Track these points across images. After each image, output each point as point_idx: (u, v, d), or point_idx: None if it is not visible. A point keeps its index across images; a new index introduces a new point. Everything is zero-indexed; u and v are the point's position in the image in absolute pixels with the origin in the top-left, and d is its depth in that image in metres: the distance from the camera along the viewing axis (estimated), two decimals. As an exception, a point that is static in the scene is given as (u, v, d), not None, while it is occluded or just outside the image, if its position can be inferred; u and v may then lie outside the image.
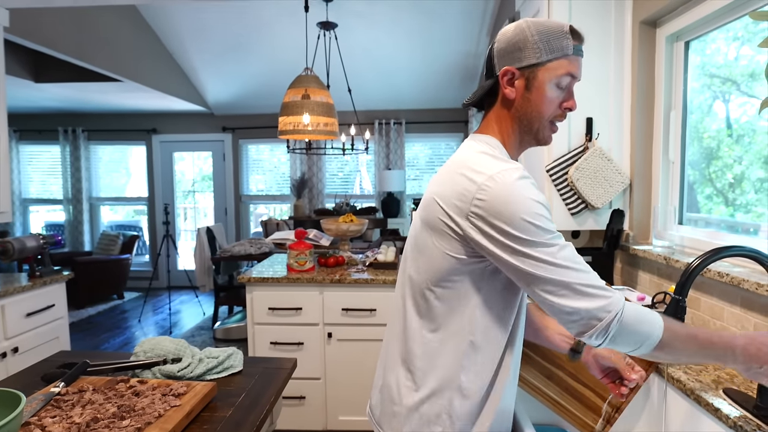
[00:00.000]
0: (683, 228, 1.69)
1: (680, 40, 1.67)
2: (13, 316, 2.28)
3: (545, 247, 0.81)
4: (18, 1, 2.49)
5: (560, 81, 0.90)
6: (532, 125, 0.93)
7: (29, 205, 6.65)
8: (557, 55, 0.89)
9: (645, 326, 0.80)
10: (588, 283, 0.80)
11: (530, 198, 0.82)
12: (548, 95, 0.90)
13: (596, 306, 0.79)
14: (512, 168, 0.85)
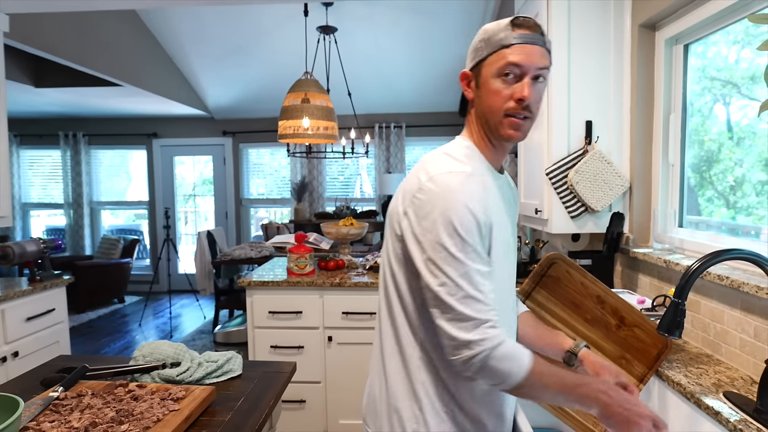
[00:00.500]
0: (683, 231, 1.69)
1: (679, 43, 1.67)
2: (14, 320, 2.28)
3: (454, 260, 0.82)
4: (18, 6, 2.50)
5: (501, 71, 0.89)
6: (489, 121, 0.93)
7: (30, 210, 6.66)
8: (495, 48, 0.89)
9: (508, 365, 0.80)
10: (472, 315, 0.80)
11: (464, 204, 0.82)
12: (493, 88, 0.90)
13: (471, 339, 0.80)
14: (458, 171, 0.86)
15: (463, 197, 0.83)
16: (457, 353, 0.81)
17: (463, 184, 0.84)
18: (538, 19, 1.93)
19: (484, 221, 0.84)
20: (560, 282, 1.25)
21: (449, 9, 4.13)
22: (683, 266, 1.44)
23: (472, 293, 0.81)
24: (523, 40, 0.87)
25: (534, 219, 2.13)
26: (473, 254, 0.82)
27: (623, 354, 1.22)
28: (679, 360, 1.31)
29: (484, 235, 0.85)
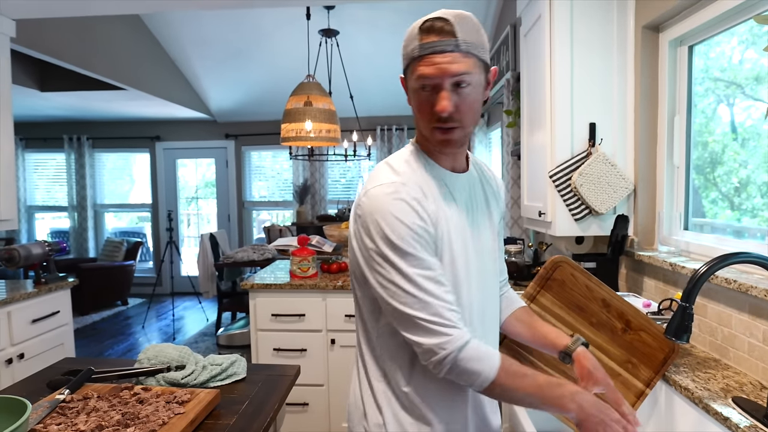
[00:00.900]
0: (689, 233, 1.69)
1: (684, 44, 1.67)
2: (19, 322, 2.29)
3: (397, 271, 0.82)
4: (24, 11, 2.52)
5: (417, 83, 0.85)
6: (423, 131, 0.91)
7: (35, 212, 6.69)
8: (408, 61, 0.87)
9: (478, 365, 0.81)
10: (429, 319, 0.81)
11: (393, 216, 0.82)
12: (416, 101, 0.88)
13: (435, 342, 0.81)
14: (388, 183, 0.86)
15: (392, 208, 0.83)
16: (427, 358, 0.83)
17: (391, 196, 0.84)
18: (540, 22, 1.94)
19: (420, 227, 0.84)
20: (565, 285, 1.24)
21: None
22: (689, 269, 1.43)
23: (423, 298, 0.81)
24: (431, 50, 0.83)
25: (537, 221, 2.12)
26: (414, 261, 0.82)
27: (629, 358, 1.21)
28: (686, 364, 1.30)
29: (424, 241, 0.84)
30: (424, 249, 0.84)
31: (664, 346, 1.20)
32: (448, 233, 0.89)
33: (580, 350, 0.99)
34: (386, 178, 0.88)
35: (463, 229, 0.93)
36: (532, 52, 2.09)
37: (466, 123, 0.88)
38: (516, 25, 3.29)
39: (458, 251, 0.90)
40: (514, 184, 3.22)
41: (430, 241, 0.86)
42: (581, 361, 0.98)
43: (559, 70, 1.84)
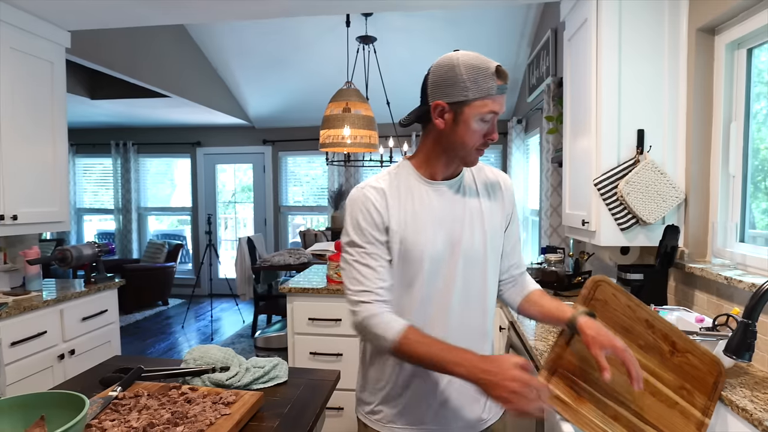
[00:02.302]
0: (745, 245, 1.60)
1: (742, 47, 1.59)
2: (71, 320, 2.40)
3: (345, 252, 1.09)
4: (79, 23, 2.65)
5: (484, 117, 1.02)
6: (457, 152, 1.07)
7: (83, 215, 7.02)
8: (482, 95, 1.00)
9: (381, 330, 1.00)
10: (353, 290, 1.05)
11: (356, 207, 1.08)
12: (473, 128, 1.03)
13: (351, 309, 1.06)
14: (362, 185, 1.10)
15: (352, 207, 1.09)
16: (351, 317, 1.06)
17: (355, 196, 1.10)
18: (586, 26, 1.90)
19: (369, 221, 1.06)
20: (608, 306, 1.15)
21: (487, 19, 4.11)
22: (747, 283, 1.36)
23: (355, 276, 1.05)
24: (501, 92, 1.02)
25: (580, 230, 2.07)
26: (355, 242, 1.07)
27: (683, 384, 1.11)
28: (743, 384, 1.23)
29: (370, 234, 1.06)
30: (368, 243, 1.06)
31: (712, 368, 1.11)
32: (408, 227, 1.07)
33: (582, 319, 1.03)
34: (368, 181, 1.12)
35: (436, 223, 1.08)
36: (577, 56, 2.05)
37: None
38: (558, 30, 3.23)
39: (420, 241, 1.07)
40: (554, 191, 3.15)
41: (378, 236, 1.06)
42: (584, 330, 1.01)
43: (606, 74, 1.79)
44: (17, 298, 2.24)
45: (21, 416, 0.88)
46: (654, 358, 1.12)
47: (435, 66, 1.06)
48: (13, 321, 2.07)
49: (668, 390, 1.10)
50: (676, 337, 1.13)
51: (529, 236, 4.65)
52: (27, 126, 2.47)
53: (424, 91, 1.08)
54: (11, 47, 2.36)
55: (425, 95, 1.07)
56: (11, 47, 2.36)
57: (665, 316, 1.48)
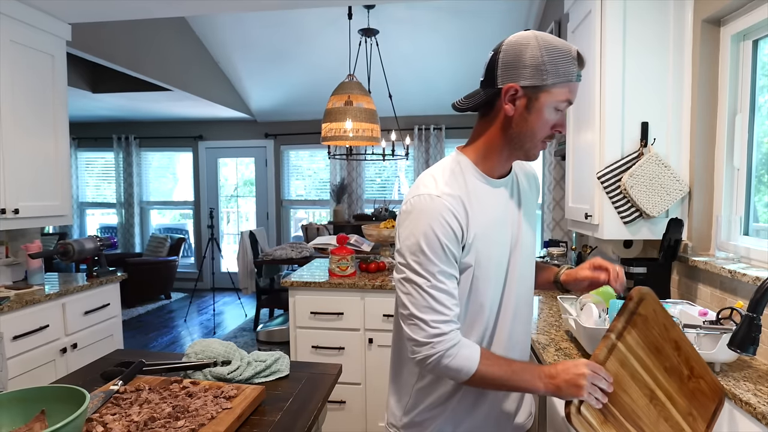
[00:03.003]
0: (749, 239, 1.59)
1: (747, 39, 1.57)
2: (73, 313, 2.40)
3: (417, 274, 0.90)
4: (80, 15, 2.64)
5: (559, 105, 0.92)
6: (524, 143, 0.96)
7: (86, 209, 7.03)
8: (562, 80, 0.89)
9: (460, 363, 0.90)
10: (429, 323, 0.89)
11: (429, 226, 0.89)
12: (546, 118, 0.92)
13: (425, 341, 0.90)
14: (427, 194, 0.92)
15: (429, 219, 0.90)
16: (416, 352, 0.91)
17: (430, 206, 0.90)
18: (590, 17, 1.88)
19: (451, 237, 0.91)
20: (648, 322, 1.04)
21: (491, 10, 4.07)
22: (751, 277, 1.35)
23: (432, 305, 0.89)
24: (579, 79, 0.92)
25: (583, 224, 2.05)
26: (432, 270, 0.90)
27: (691, 410, 1.04)
28: (747, 378, 1.22)
29: (450, 252, 0.91)
30: (447, 261, 0.91)
31: (715, 395, 1.07)
32: (483, 240, 0.95)
33: (564, 273, 1.14)
34: (429, 188, 0.93)
35: (500, 234, 0.99)
36: (581, 48, 2.01)
37: None
38: (561, 22, 3.20)
39: (493, 257, 0.97)
40: (557, 184, 3.13)
41: (457, 250, 0.93)
42: (568, 280, 1.12)
43: (610, 67, 1.77)
44: (19, 292, 2.24)
45: (22, 410, 0.88)
46: (674, 382, 1.06)
47: (507, 44, 0.92)
48: (16, 315, 2.08)
49: (679, 416, 1.05)
50: (694, 362, 1.07)
51: (532, 230, 4.64)
52: (28, 120, 2.47)
53: (491, 72, 0.93)
54: (12, 40, 2.35)
55: (493, 77, 0.93)
56: (12, 40, 2.35)
57: (668, 309, 1.47)
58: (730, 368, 1.29)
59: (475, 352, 0.91)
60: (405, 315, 0.92)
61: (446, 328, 0.89)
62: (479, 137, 1.00)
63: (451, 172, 0.97)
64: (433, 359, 0.89)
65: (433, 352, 0.89)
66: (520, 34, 0.93)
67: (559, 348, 1.46)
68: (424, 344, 0.89)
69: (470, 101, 0.98)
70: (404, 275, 0.92)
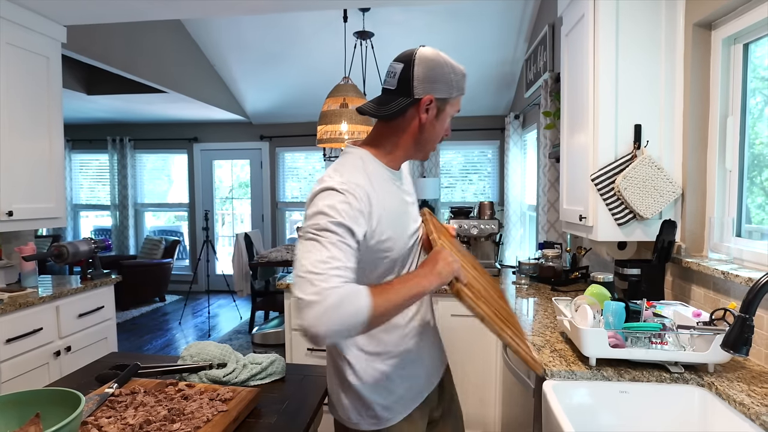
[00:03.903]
0: (741, 240, 1.61)
1: (738, 42, 1.59)
2: (67, 316, 2.39)
3: (304, 233, 0.92)
4: (75, 18, 2.63)
5: (453, 112, 1.09)
6: (427, 145, 1.11)
7: (80, 211, 6.99)
8: (459, 93, 1.08)
9: (352, 303, 0.85)
10: (314, 271, 0.86)
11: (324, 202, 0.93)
12: (446, 123, 1.10)
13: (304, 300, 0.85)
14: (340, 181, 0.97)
15: (334, 199, 0.94)
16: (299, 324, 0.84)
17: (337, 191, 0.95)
18: (584, 21, 1.89)
19: (337, 216, 0.92)
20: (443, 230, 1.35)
21: (485, 14, 4.09)
22: (743, 278, 1.36)
23: (310, 269, 0.85)
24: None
25: (577, 226, 2.07)
26: (320, 232, 0.91)
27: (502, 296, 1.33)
28: (740, 379, 1.24)
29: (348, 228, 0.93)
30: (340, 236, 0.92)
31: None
32: (386, 214, 1.02)
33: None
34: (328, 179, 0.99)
35: (398, 208, 1.09)
36: (575, 51, 2.04)
37: None
38: (555, 25, 3.22)
39: (398, 225, 1.07)
40: (552, 186, 3.15)
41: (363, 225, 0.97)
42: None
43: (603, 70, 1.79)
44: (13, 295, 2.23)
45: (16, 413, 0.87)
46: (482, 276, 1.24)
47: (420, 60, 1.04)
48: (9, 318, 2.07)
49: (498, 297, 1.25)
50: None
51: (527, 231, 4.66)
52: (23, 122, 2.45)
53: (406, 83, 1.04)
54: (6, 42, 2.34)
55: (408, 88, 1.04)
56: (6, 42, 2.34)
57: (662, 310, 1.48)
58: (724, 369, 1.30)
59: (362, 289, 0.88)
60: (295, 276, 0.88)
61: (337, 282, 0.86)
62: (385, 139, 1.10)
63: (353, 166, 1.03)
64: (325, 306, 0.85)
65: (322, 299, 0.86)
66: (427, 51, 1.05)
67: (554, 350, 1.47)
68: (310, 295, 0.84)
69: (386, 109, 1.07)
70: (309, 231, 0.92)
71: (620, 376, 1.27)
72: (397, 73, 1.06)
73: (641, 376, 1.27)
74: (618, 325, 1.34)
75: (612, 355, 1.30)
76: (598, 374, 1.28)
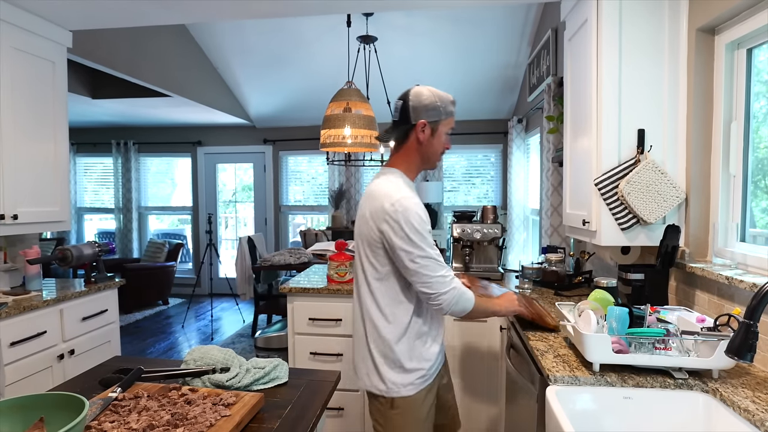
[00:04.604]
0: (745, 245, 1.60)
1: (742, 47, 1.59)
2: (70, 320, 2.40)
3: (418, 247, 1.36)
4: (80, 23, 2.65)
5: (448, 131, 1.49)
6: (431, 159, 1.51)
7: (84, 214, 7.02)
8: (448, 116, 1.47)
9: (465, 303, 1.43)
10: (440, 274, 1.38)
11: (417, 213, 1.37)
12: (443, 139, 1.49)
13: (442, 291, 1.39)
14: (408, 195, 1.39)
15: (416, 209, 1.37)
16: (434, 299, 1.39)
17: (412, 202, 1.38)
18: (587, 26, 1.90)
19: (426, 220, 1.40)
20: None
21: (489, 17, 4.10)
22: (748, 283, 1.36)
23: (436, 258, 1.38)
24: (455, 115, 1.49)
25: (580, 230, 2.06)
26: (427, 244, 1.38)
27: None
28: (745, 385, 1.23)
29: (428, 229, 1.40)
30: (428, 233, 1.40)
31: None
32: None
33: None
34: (403, 192, 1.40)
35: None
36: (578, 56, 2.04)
37: None
38: (558, 30, 3.23)
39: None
40: (555, 191, 3.14)
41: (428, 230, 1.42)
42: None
43: (606, 74, 1.79)
44: (17, 298, 2.24)
45: (20, 418, 0.88)
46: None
47: (414, 95, 1.44)
48: (13, 321, 2.07)
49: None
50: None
51: (530, 236, 4.65)
52: (28, 125, 2.47)
53: (405, 113, 1.44)
54: (13, 47, 2.36)
55: (407, 117, 1.44)
56: (13, 47, 2.36)
57: (666, 316, 1.47)
58: (729, 375, 1.30)
59: (470, 293, 1.44)
60: (424, 281, 1.37)
61: (451, 276, 1.40)
62: (404, 158, 1.50)
63: (403, 183, 1.45)
64: (454, 294, 1.40)
65: (450, 296, 1.39)
66: (419, 88, 1.45)
67: (557, 354, 1.46)
68: (441, 293, 1.38)
69: (392, 134, 1.49)
70: (412, 255, 1.36)
71: (624, 382, 1.27)
72: (399, 107, 1.46)
73: (645, 381, 1.26)
74: (622, 330, 1.34)
75: (616, 361, 1.29)
76: (602, 380, 1.28)
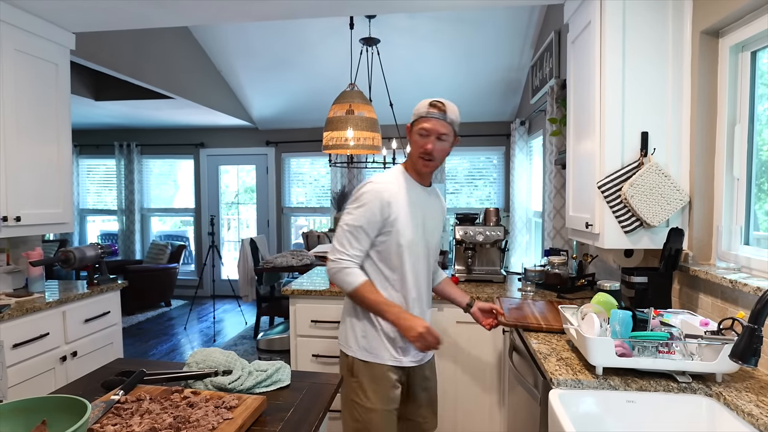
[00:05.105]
0: (749, 248, 1.59)
1: (746, 50, 1.58)
2: (73, 321, 2.40)
3: (346, 215, 1.59)
4: (84, 25, 2.66)
5: (420, 132, 1.58)
6: (413, 158, 1.63)
7: (87, 216, 7.04)
8: (418, 117, 1.59)
9: (347, 279, 1.54)
10: (339, 250, 1.57)
11: (371, 192, 1.56)
12: (414, 140, 1.60)
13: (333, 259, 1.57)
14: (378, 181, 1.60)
15: (373, 188, 1.57)
16: (329, 266, 1.57)
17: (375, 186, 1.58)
18: (590, 28, 1.90)
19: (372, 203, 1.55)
20: None
21: (491, 19, 4.10)
22: (752, 287, 1.35)
23: (352, 232, 1.56)
24: (431, 116, 1.56)
25: (583, 233, 2.06)
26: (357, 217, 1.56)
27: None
28: (749, 389, 1.22)
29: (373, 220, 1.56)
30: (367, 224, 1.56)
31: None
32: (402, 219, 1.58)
33: (474, 306, 1.84)
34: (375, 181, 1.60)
35: (415, 218, 1.62)
36: (581, 58, 2.04)
37: (437, 159, 1.61)
38: (561, 32, 3.22)
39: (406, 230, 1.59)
40: (557, 193, 3.14)
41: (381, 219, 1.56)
42: (476, 313, 1.83)
43: (609, 77, 1.78)
44: (20, 300, 2.24)
45: (23, 421, 0.88)
46: None
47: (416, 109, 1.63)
48: (16, 323, 2.08)
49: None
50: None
51: (532, 238, 4.64)
52: (31, 127, 2.48)
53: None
54: (16, 49, 2.37)
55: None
56: (16, 49, 2.37)
57: (669, 319, 1.47)
58: (732, 379, 1.29)
59: (359, 278, 1.54)
60: (333, 243, 1.58)
61: (346, 257, 1.55)
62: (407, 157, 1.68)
63: (392, 174, 1.63)
64: (333, 270, 1.55)
65: (334, 266, 1.55)
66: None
67: (560, 358, 1.46)
68: (330, 260, 1.56)
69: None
70: (341, 221, 1.57)
71: (627, 386, 1.26)
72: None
73: (648, 385, 1.26)
74: (625, 333, 1.34)
75: (619, 364, 1.29)
76: (605, 383, 1.27)
